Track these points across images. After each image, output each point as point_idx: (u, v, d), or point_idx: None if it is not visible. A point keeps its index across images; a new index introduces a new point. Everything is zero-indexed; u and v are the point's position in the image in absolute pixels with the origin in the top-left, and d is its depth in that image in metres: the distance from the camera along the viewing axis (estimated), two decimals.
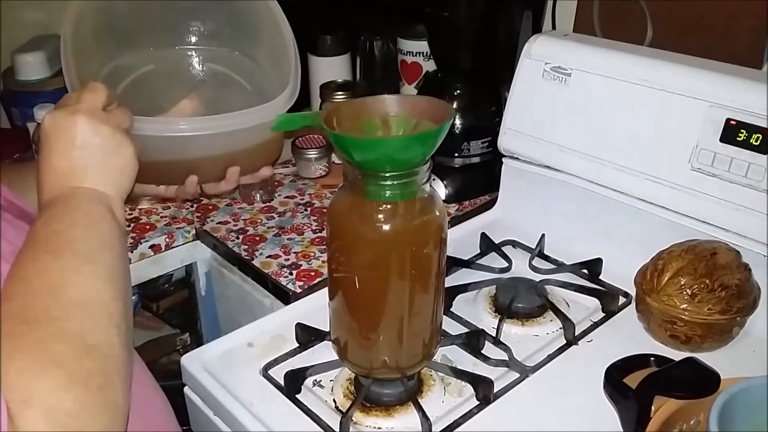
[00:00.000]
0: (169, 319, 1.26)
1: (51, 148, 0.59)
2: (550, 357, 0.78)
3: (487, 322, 0.84)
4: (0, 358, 0.43)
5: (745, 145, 0.79)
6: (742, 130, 0.79)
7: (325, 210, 1.11)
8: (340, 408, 0.72)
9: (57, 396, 0.44)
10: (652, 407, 0.59)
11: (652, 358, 0.67)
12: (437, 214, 0.66)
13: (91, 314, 0.50)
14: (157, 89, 0.84)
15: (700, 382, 0.60)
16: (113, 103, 0.63)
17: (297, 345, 0.80)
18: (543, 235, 0.96)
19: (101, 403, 0.46)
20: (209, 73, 0.87)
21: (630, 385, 0.63)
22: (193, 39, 0.86)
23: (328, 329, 0.75)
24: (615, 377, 0.65)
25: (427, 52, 1.22)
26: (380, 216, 0.63)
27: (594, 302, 0.86)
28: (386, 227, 0.63)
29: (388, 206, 0.63)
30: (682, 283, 0.75)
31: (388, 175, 0.61)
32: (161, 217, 1.10)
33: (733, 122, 0.80)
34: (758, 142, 0.78)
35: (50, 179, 0.59)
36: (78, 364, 0.46)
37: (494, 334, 0.80)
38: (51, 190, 0.58)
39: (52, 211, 0.57)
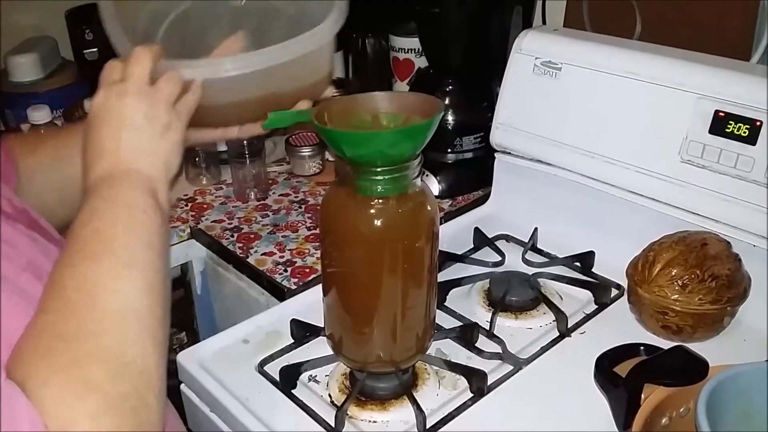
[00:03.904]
0: None
1: (100, 129, 0.58)
2: (544, 349, 0.78)
3: (481, 315, 0.84)
4: (33, 381, 0.43)
5: (734, 136, 0.79)
6: (730, 122, 0.80)
7: (319, 207, 1.11)
8: (335, 402, 0.73)
9: (94, 422, 0.43)
10: (642, 395, 0.60)
11: (642, 347, 0.68)
12: (429, 208, 0.66)
13: (126, 327, 0.49)
14: (199, 28, 0.80)
15: (688, 369, 0.60)
16: (159, 60, 0.61)
17: (292, 341, 0.80)
18: (536, 229, 0.96)
19: (136, 425, 0.45)
20: (249, 4, 0.83)
21: (620, 374, 0.63)
22: None
23: (322, 325, 0.75)
24: (605, 366, 0.65)
25: (419, 49, 1.23)
26: (372, 211, 0.64)
27: (587, 294, 0.87)
28: (378, 222, 0.64)
29: (380, 201, 0.63)
30: (673, 273, 0.75)
31: (379, 169, 0.62)
32: None
33: (721, 114, 0.80)
34: (747, 133, 0.78)
35: (98, 161, 0.58)
36: (113, 387, 0.45)
37: (488, 328, 0.81)
38: (98, 171, 0.57)
39: (95, 202, 0.55)
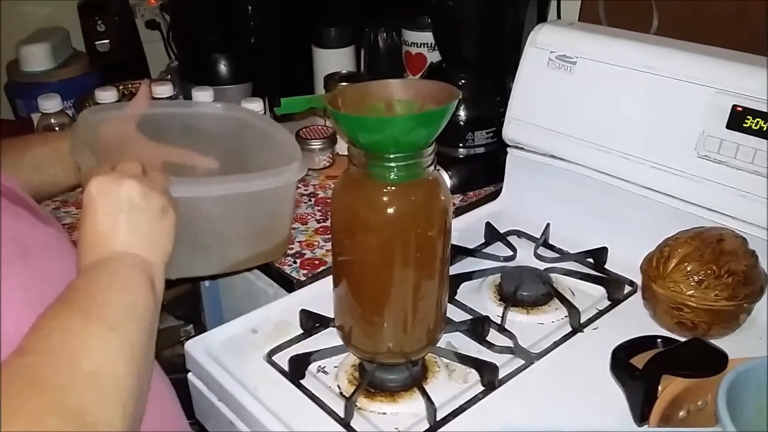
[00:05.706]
0: (173, 310, 1.25)
1: (96, 211, 0.58)
2: (556, 344, 0.77)
3: (492, 310, 0.83)
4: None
5: (752, 131, 0.78)
6: (748, 117, 0.78)
7: (329, 200, 1.10)
8: (344, 393, 0.72)
9: None
10: (659, 387, 0.59)
11: (659, 340, 0.67)
12: (442, 197, 0.65)
13: (98, 389, 0.49)
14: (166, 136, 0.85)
15: (707, 361, 0.59)
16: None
17: (301, 331, 0.79)
18: (548, 225, 0.95)
19: None
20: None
21: (637, 366, 0.62)
22: None
23: (332, 316, 0.74)
24: (621, 358, 0.64)
25: (431, 43, 1.22)
26: (385, 198, 0.63)
27: (599, 290, 0.85)
28: (391, 209, 0.63)
29: (393, 188, 0.63)
30: (689, 269, 0.74)
31: (392, 156, 0.61)
32: None
33: (739, 108, 0.79)
34: (765, 128, 0.77)
35: (93, 243, 0.58)
36: None
37: (499, 322, 0.80)
38: (93, 254, 0.57)
39: (92, 272, 0.56)
